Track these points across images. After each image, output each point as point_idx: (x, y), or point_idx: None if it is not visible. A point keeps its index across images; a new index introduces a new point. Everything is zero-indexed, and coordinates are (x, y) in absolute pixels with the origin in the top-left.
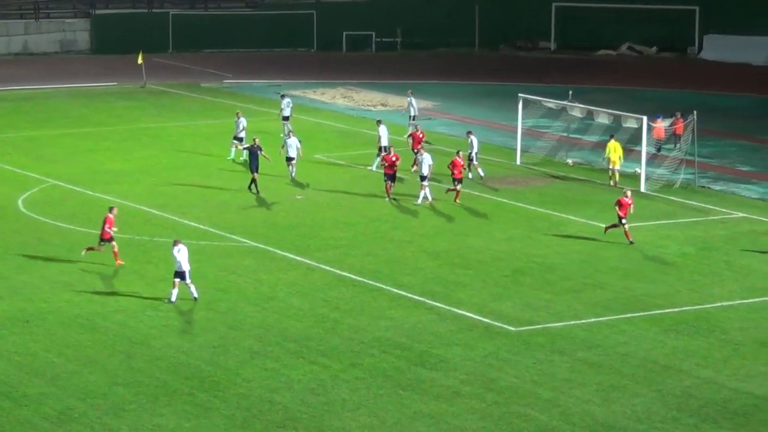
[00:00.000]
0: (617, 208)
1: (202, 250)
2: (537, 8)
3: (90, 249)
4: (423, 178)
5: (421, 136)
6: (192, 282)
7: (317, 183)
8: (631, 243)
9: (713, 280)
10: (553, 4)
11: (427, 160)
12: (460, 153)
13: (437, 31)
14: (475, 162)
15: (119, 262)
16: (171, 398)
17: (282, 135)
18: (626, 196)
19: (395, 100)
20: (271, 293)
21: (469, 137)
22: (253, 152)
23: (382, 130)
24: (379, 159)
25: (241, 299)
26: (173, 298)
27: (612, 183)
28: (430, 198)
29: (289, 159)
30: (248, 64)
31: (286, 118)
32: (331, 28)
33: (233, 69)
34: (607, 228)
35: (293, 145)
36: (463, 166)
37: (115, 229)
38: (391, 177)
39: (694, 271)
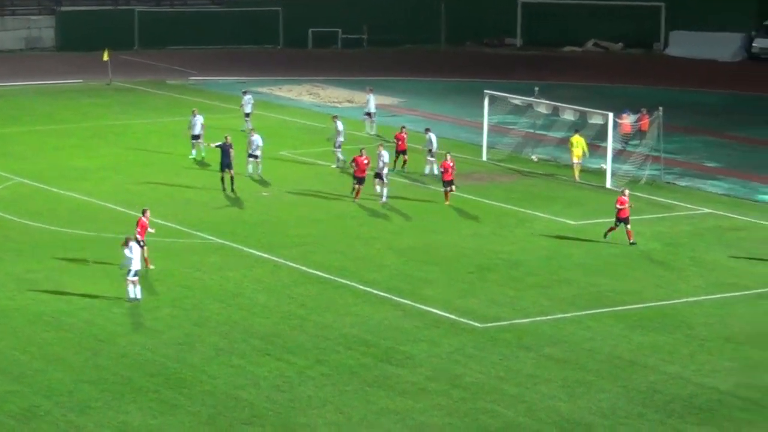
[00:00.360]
0: (618, 207)
1: (168, 247)
2: (503, 5)
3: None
4: (379, 176)
5: (405, 136)
6: (138, 283)
7: (283, 180)
8: (633, 243)
9: (679, 275)
10: (519, 1)
11: (384, 157)
12: (449, 155)
13: (403, 28)
14: (431, 159)
15: (150, 265)
16: (137, 395)
17: (242, 129)
18: (624, 195)
19: (361, 97)
20: (237, 290)
21: (427, 134)
22: (225, 150)
23: (339, 126)
24: (341, 156)
25: (206, 296)
26: (136, 295)
27: (576, 179)
28: (385, 195)
29: (250, 156)
30: (214, 60)
31: (247, 115)
32: (297, 24)
33: (199, 66)
34: (606, 233)
35: (255, 143)
36: (452, 168)
37: (152, 230)
38: (361, 180)
39: (660, 267)
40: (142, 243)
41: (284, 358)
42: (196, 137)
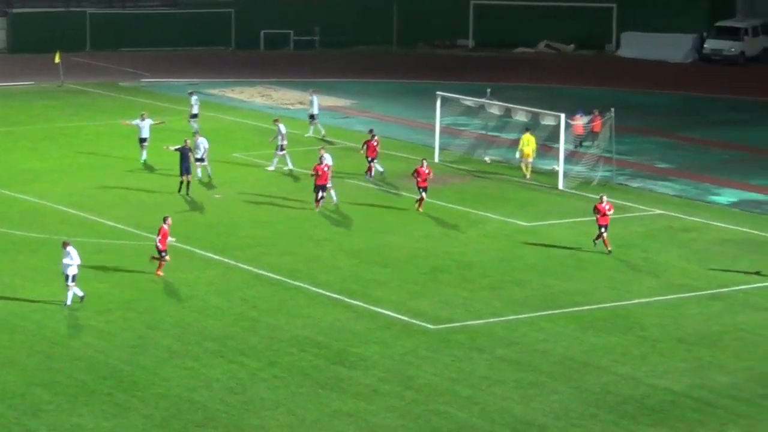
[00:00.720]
0: (596, 215)
1: (121, 249)
2: (455, 6)
3: (155, 258)
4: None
5: (375, 144)
6: (75, 285)
7: (235, 182)
8: (609, 252)
9: (631, 276)
10: (471, 2)
11: (327, 160)
12: (425, 162)
13: (355, 30)
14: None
15: (159, 273)
16: (90, 398)
17: (193, 132)
18: (602, 202)
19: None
20: (190, 292)
21: (370, 135)
22: (184, 154)
23: (282, 129)
24: (277, 159)
25: (159, 298)
26: (79, 293)
27: (526, 176)
28: (334, 198)
29: (197, 160)
30: (166, 62)
31: (194, 116)
32: (249, 26)
33: (151, 68)
34: (595, 239)
35: (201, 146)
36: (428, 174)
37: (172, 239)
38: (322, 188)
39: (612, 268)
40: (163, 253)
41: (237, 360)
42: (142, 140)
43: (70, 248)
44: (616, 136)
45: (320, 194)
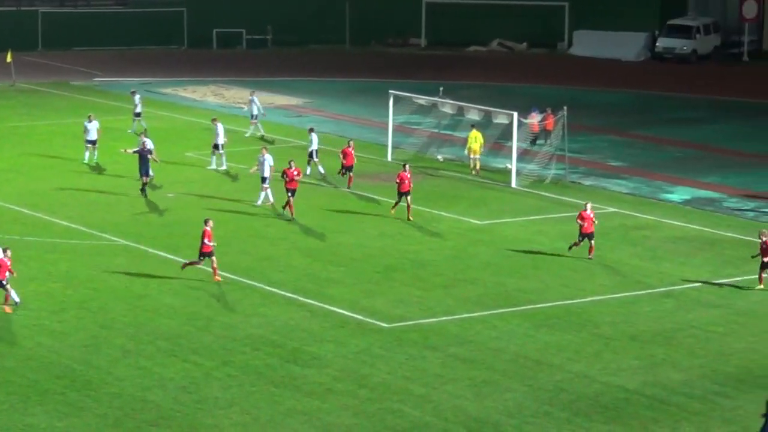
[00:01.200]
0: (580, 222)
1: (74, 249)
2: (407, 5)
3: (189, 264)
4: (264, 179)
5: (352, 152)
6: (11, 288)
7: (188, 181)
8: (590, 258)
9: (584, 275)
10: (424, 1)
11: (268, 161)
12: (407, 166)
13: (308, 28)
14: (315, 159)
15: (217, 278)
16: (43, 398)
17: (130, 131)
18: (586, 209)
19: (266, 98)
20: (143, 291)
21: (310, 134)
22: (142, 155)
23: (219, 128)
24: (215, 158)
25: (112, 298)
26: (16, 300)
27: (474, 172)
28: (271, 199)
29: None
30: (118, 61)
31: (138, 115)
32: (202, 25)
33: (103, 67)
34: (571, 246)
35: (147, 147)
36: (409, 179)
37: (213, 243)
38: (293, 192)
39: (566, 266)
40: (205, 255)
41: (191, 359)
42: (91, 142)
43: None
44: (568, 134)
45: (291, 198)
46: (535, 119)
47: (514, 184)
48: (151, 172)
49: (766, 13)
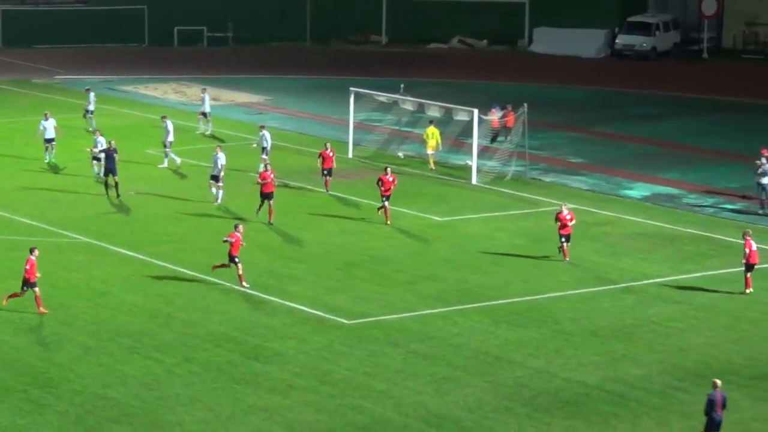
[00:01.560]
0: (558, 225)
1: (35, 246)
2: (368, 2)
3: (219, 266)
4: (215, 178)
5: (330, 154)
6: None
7: (149, 178)
8: (566, 260)
9: (545, 271)
10: None
11: (221, 159)
12: (388, 169)
13: (268, 26)
14: (264, 156)
15: (244, 284)
16: (4, 395)
17: (90, 129)
18: (563, 211)
19: (227, 95)
20: (105, 289)
21: (261, 131)
22: (110, 155)
23: (169, 126)
24: (167, 158)
25: (74, 295)
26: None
27: (431, 168)
28: (219, 197)
29: (96, 159)
30: (80, 59)
31: (90, 112)
32: (163, 23)
33: (64, 64)
34: (560, 249)
35: (99, 145)
36: (392, 183)
37: (243, 243)
38: (269, 195)
39: (526, 263)
40: (237, 260)
41: (152, 356)
42: (48, 141)
43: None
44: (529, 131)
45: (265, 203)
46: (495, 116)
47: (474, 181)
48: (96, 170)
49: (725, 10)
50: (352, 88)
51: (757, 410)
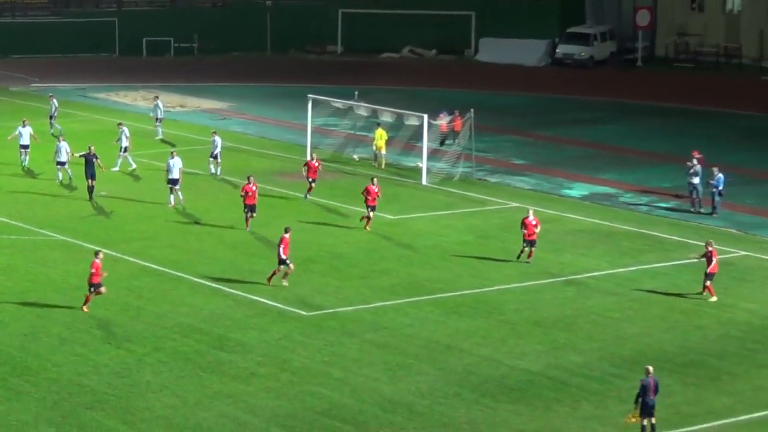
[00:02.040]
0: (523, 230)
1: (13, 244)
2: (324, 14)
3: (276, 273)
4: (173, 181)
5: (316, 164)
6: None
7: (119, 179)
8: (528, 263)
9: (491, 265)
10: (340, 11)
11: (177, 164)
12: (374, 180)
13: (231, 37)
14: (218, 160)
15: (284, 282)
16: None
17: (52, 133)
18: (529, 216)
19: (193, 102)
20: (79, 283)
21: (213, 137)
22: (89, 160)
23: (125, 132)
24: (120, 160)
25: (50, 289)
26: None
27: (379, 167)
28: (181, 199)
29: (60, 164)
30: (55, 68)
31: (52, 117)
32: (132, 34)
33: (40, 73)
34: (520, 254)
35: (63, 150)
36: (377, 194)
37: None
38: (252, 208)
39: (473, 258)
40: (288, 261)
41: (124, 346)
42: (24, 147)
43: None
44: (475, 134)
45: (250, 214)
46: (443, 121)
47: (424, 182)
48: (61, 176)
49: (658, 21)
50: (310, 95)
51: (687, 395)
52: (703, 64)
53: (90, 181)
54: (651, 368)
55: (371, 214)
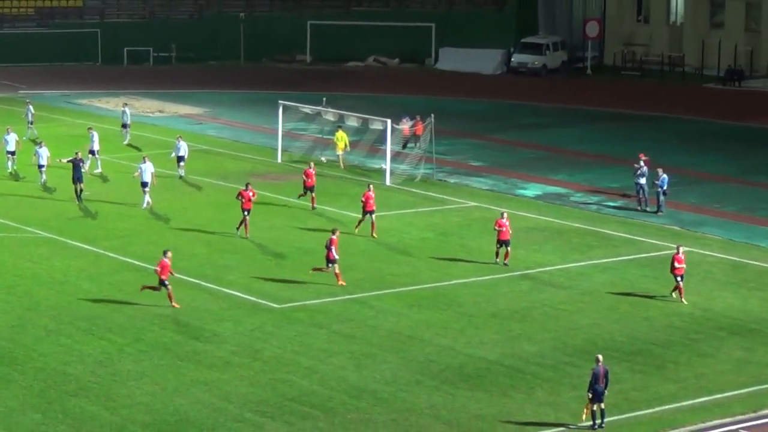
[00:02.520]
0: (497, 229)
1: (1, 241)
2: (294, 26)
3: (317, 269)
4: (144, 184)
5: (313, 172)
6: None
7: (101, 180)
8: (505, 265)
9: (450, 261)
10: (308, 22)
11: (149, 168)
12: (371, 186)
13: (207, 46)
14: (182, 163)
15: (341, 282)
16: None
17: (25, 137)
18: (502, 218)
19: (171, 107)
20: (64, 278)
21: (178, 141)
22: (76, 164)
23: (95, 136)
24: (89, 162)
25: (36, 284)
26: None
27: (342, 167)
28: (150, 202)
29: (40, 167)
30: (40, 76)
31: (30, 123)
32: (114, 44)
33: (27, 81)
34: (497, 258)
35: (43, 155)
36: (373, 199)
37: (336, 256)
38: (248, 212)
39: (434, 254)
40: (331, 262)
41: (106, 337)
42: (10, 153)
43: None
44: (435, 138)
45: (246, 219)
46: (406, 125)
47: (388, 182)
48: (44, 179)
49: (606, 32)
50: (280, 101)
51: (636, 381)
52: (649, 72)
53: (78, 184)
54: (601, 357)
55: (373, 218)
